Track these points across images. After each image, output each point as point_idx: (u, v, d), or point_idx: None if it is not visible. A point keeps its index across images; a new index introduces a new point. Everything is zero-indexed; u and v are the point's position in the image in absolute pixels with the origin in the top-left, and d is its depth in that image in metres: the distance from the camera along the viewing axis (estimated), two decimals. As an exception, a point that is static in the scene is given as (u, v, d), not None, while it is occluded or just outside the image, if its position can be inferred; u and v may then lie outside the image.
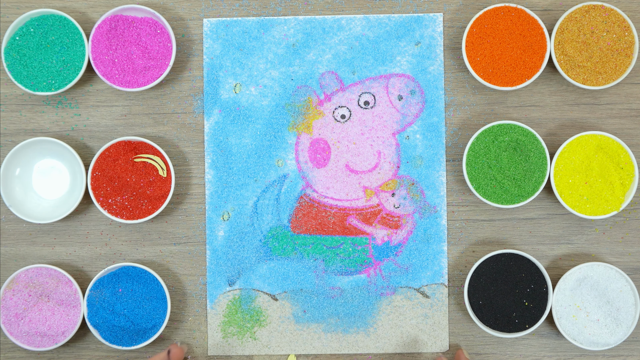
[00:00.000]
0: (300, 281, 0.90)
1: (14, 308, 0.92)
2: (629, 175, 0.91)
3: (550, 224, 0.95)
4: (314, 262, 0.90)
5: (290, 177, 0.89)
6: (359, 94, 0.88)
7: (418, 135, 0.88)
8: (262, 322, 0.89)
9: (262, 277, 0.90)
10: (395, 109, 0.87)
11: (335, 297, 0.90)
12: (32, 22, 0.92)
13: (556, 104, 0.95)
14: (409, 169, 0.89)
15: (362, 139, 0.89)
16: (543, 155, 0.91)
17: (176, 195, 0.95)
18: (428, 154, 0.89)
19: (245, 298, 0.90)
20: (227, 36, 0.81)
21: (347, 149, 0.89)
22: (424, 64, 0.85)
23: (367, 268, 0.89)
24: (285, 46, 0.84)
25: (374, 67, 0.87)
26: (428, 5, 0.95)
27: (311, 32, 0.85)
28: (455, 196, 0.95)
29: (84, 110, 0.96)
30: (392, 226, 0.89)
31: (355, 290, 0.90)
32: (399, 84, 0.87)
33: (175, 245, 0.96)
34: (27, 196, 0.95)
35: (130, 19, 0.93)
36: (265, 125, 0.88)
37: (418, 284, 0.89)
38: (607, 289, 0.92)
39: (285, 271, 0.90)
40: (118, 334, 0.92)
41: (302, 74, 0.87)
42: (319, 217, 0.90)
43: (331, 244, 0.90)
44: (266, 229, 0.90)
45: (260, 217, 0.90)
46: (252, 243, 0.90)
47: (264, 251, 0.90)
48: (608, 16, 0.90)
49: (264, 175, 0.89)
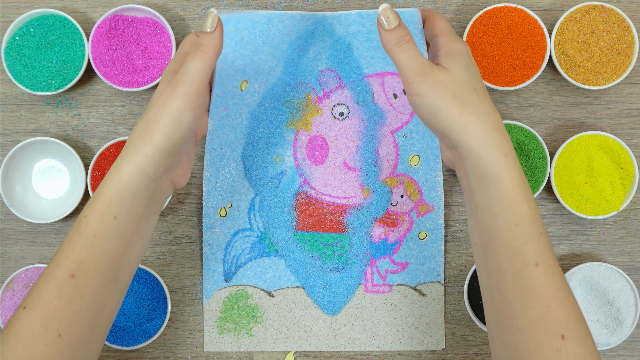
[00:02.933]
0: (297, 278, 0.90)
1: (13, 308, 0.92)
2: (629, 175, 0.91)
3: (550, 224, 0.95)
4: (310, 259, 0.89)
5: (288, 174, 0.88)
6: (358, 91, 0.87)
7: (415, 134, 0.88)
8: (259, 318, 0.89)
9: (259, 274, 0.90)
10: (392, 107, 0.86)
11: (333, 294, 0.89)
12: (32, 22, 0.92)
13: (556, 104, 0.95)
14: (407, 168, 0.88)
15: (360, 137, 0.88)
16: (543, 155, 0.91)
17: (176, 195, 0.95)
18: (425, 153, 0.87)
19: (241, 294, 0.90)
20: (236, 31, 0.79)
21: (345, 147, 0.88)
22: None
23: (366, 266, 0.89)
24: (289, 42, 0.83)
25: (371, 64, 0.86)
26: (428, 5, 0.95)
27: (314, 30, 0.84)
28: (455, 196, 0.95)
29: (84, 110, 0.96)
30: (389, 224, 0.89)
31: (353, 287, 0.90)
32: (393, 82, 0.86)
33: (175, 245, 0.96)
34: (27, 196, 0.95)
35: (130, 19, 0.93)
36: (264, 121, 0.87)
37: (414, 282, 0.88)
38: (607, 289, 0.92)
39: (282, 268, 0.90)
40: (118, 334, 0.92)
41: (302, 70, 0.86)
42: (316, 214, 0.90)
43: (328, 241, 0.89)
44: (263, 226, 0.90)
45: (258, 214, 0.89)
46: (249, 239, 0.90)
47: (261, 248, 0.90)
48: (608, 16, 0.90)
49: (262, 171, 0.89)
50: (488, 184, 0.66)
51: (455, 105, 0.66)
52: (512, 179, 0.65)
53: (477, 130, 0.66)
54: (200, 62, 0.68)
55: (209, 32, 0.69)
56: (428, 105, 0.67)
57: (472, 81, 0.68)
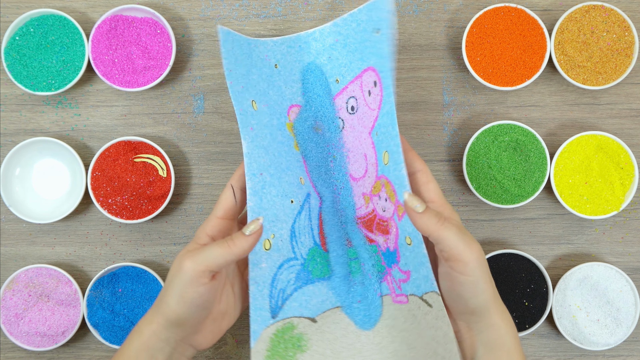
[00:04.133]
0: (338, 297, 0.83)
1: (13, 308, 0.92)
2: (629, 175, 0.91)
3: (550, 224, 0.95)
4: (348, 275, 0.84)
5: (312, 195, 0.83)
6: (346, 100, 0.82)
7: (382, 128, 0.79)
8: (303, 347, 0.81)
9: (304, 303, 0.82)
10: (368, 107, 0.80)
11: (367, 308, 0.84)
12: (32, 22, 0.92)
13: (556, 104, 0.95)
14: (382, 168, 0.80)
15: (354, 146, 0.82)
16: (543, 155, 0.91)
17: (176, 195, 0.95)
18: (390, 147, 0.78)
19: (287, 327, 0.81)
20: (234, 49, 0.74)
21: (346, 159, 0.83)
22: (382, 50, 0.75)
23: (385, 275, 0.83)
24: (269, 67, 0.78)
25: (351, 69, 0.80)
26: (428, 4, 0.95)
27: (288, 52, 0.79)
28: (455, 196, 0.95)
29: (84, 110, 0.96)
30: (383, 231, 0.82)
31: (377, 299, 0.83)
32: (367, 79, 0.79)
33: (175, 245, 0.96)
34: (27, 196, 0.95)
35: (130, 19, 0.93)
36: (281, 144, 0.80)
37: (420, 291, 0.79)
38: (607, 289, 0.92)
39: (324, 292, 0.83)
40: (118, 334, 0.92)
41: (291, 92, 0.81)
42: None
43: (352, 255, 0.85)
44: (305, 252, 0.82)
45: (299, 241, 0.82)
46: (294, 269, 0.82)
47: (305, 275, 0.82)
48: (608, 16, 0.90)
49: (296, 194, 0.80)
50: (500, 355, 0.70)
51: (491, 286, 0.70)
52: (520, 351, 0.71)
53: (501, 308, 0.70)
54: (220, 251, 0.69)
55: (245, 235, 0.70)
56: (475, 286, 0.69)
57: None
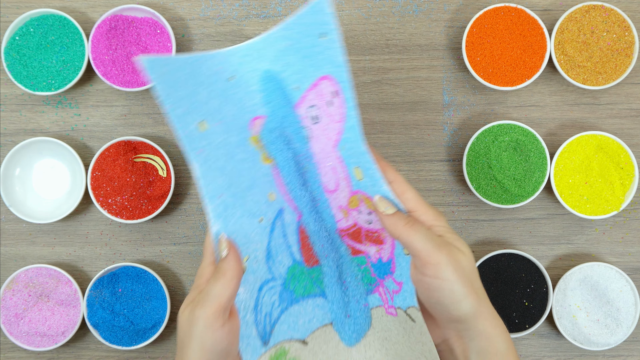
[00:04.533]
0: (332, 313, 0.80)
1: (13, 308, 0.92)
2: (629, 175, 0.91)
3: (550, 224, 0.95)
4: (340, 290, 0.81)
5: (286, 210, 0.77)
6: (306, 109, 0.74)
7: (348, 143, 0.74)
8: None
9: (292, 324, 0.78)
10: (329, 118, 0.74)
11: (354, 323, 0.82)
12: (32, 22, 0.92)
13: (556, 104, 0.95)
14: (356, 183, 0.75)
15: (322, 158, 0.76)
16: (543, 155, 0.91)
17: (176, 195, 0.95)
18: (362, 163, 0.74)
19: (280, 353, 0.77)
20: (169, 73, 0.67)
21: (317, 170, 0.77)
22: (334, 57, 0.69)
23: (377, 286, 0.80)
24: (222, 81, 0.71)
25: (307, 76, 0.73)
26: (428, 4, 0.95)
27: (242, 62, 0.72)
28: (455, 196, 0.95)
29: (83, 110, 0.96)
30: (376, 241, 0.78)
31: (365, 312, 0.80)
32: (325, 88, 0.73)
33: (175, 245, 0.96)
34: (27, 196, 0.95)
35: (130, 19, 0.93)
36: (240, 161, 0.74)
37: (405, 304, 0.76)
38: (607, 289, 0.92)
39: (310, 310, 0.79)
40: (118, 334, 0.92)
41: (253, 104, 0.74)
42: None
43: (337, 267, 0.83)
44: (284, 271, 0.78)
45: (276, 260, 0.77)
46: (275, 290, 0.78)
47: (288, 295, 0.78)
48: (608, 16, 0.90)
49: (265, 212, 0.75)
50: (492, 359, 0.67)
51: (474, 292, 0.65)
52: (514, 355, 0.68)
53: (490, 313, 0.66)
54: (220, 285, 0.69)
55: (224, 258, 0.70)
56: (452, 292, 0.64)
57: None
